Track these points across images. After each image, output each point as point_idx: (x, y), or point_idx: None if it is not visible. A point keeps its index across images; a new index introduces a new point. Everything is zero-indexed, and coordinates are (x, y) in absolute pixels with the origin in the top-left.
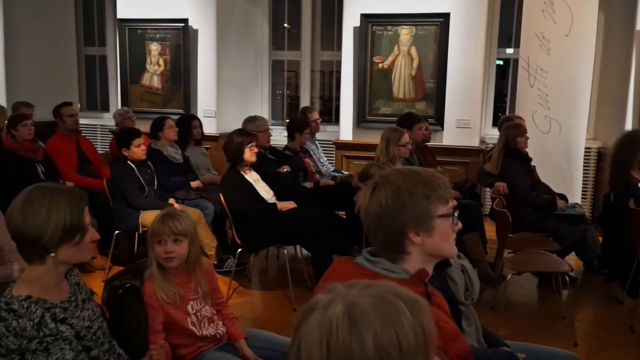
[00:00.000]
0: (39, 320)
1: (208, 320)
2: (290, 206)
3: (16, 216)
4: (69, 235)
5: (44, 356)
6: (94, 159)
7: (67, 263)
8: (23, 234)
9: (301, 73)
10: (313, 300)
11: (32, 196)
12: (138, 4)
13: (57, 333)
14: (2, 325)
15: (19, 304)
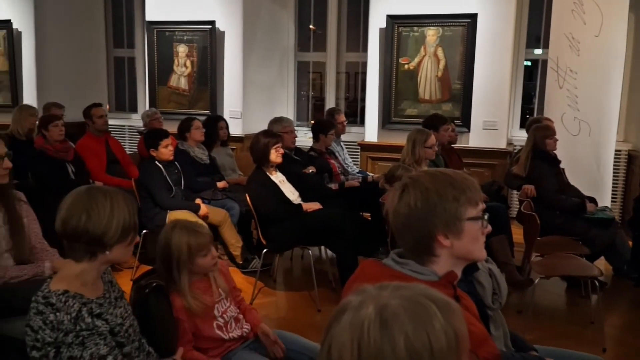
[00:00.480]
0: (76, 315)
1: (235, 320)
2: (315, 207)
3: (79, 214)
4: (125, 234)
5: (80, 350)
6: (122, 159)
7: (113, 262)
8: (87, 232)
9: (326, 74)
10: (344, 302)
11: (94, 196)
12: (166, 6)
13: (93, 328)
14: (40, 318)
15: (56, 298)
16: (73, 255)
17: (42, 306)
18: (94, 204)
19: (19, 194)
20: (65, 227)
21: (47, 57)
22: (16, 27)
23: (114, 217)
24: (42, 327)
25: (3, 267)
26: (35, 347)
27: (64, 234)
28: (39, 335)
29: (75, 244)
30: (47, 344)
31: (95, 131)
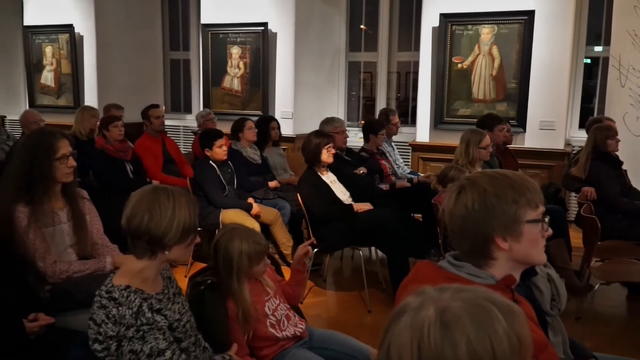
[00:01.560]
0: (137, 309)
1: (286, 318)
2: (366, 207)
3: (142, 214)
4: (185, 235)
5: (140, 344)
6: (177, 158)
7: (173, 261)
8: (148, 231)
9: (378, 74)
10: (403, 303)
11: (158, 196)
12: (221, 9)
13: (153, 322)
14: (103, 312)
15: (119, 293)
16: (135, 252)
17: (105, 300)
18: (157, 205)
19: (82, 191)
20: (129, 224)
21: (107, 60)
22: (78, 31)
23: (175, 219)
24: (104, 320)
25: (67, 261)
26: (98, 340)
27: (127, 231)
28: (102, 328)
29: (137, 242)
30: (109, 337)
31: (152, 131)
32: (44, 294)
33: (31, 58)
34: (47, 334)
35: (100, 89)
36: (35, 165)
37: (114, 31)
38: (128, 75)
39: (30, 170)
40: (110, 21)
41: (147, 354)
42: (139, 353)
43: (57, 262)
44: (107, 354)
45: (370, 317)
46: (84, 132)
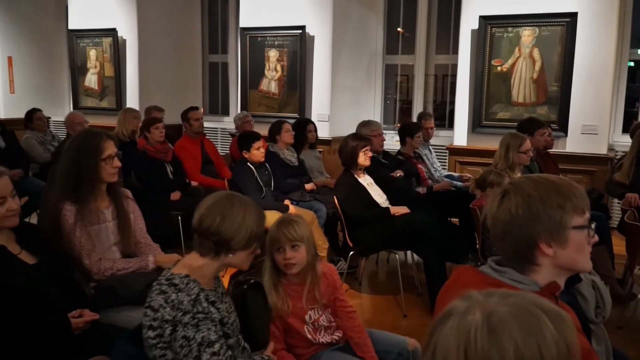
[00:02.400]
0: (195, 297)
1: (325, 328)
2: (403, 211)
3: (215, 215)
4: (251, 242)
5: (193, 331)
6: (216, 160)
7: (233, 266)
8: (218, 232)
9: (415, 77)
10: (449, 307)
11: (232, 201)
12: (259, 13)
13: (208, 313)
14: (162, 297)
15: (179, 280)
16: (200, 249)
17: (165, 287)
18: (230, 209)
19: (127, 191)
20: (201, 224)
21: (148, 63)
22: (121, 35)
23: (244, 225)
24: (163, 305)
25: (111, 259)
26: (152, 326)
27: (197, 230)
28: (159, 313)
29: (205, 241)
30: (165, 321)
31: (191, 133)
32: (88, 291)
33: (76, 61)
34: (92, 330)
35: (142, 91)
36: (82, 165)
37: (156, 35)
38: (168, 78)
39: (77, 170)
40: (152, 25)
41: (199, 342)
42: (191, 340)
43: (102, 259)
44: (159, 341)
45: (405, 321)
46: (126, 134)
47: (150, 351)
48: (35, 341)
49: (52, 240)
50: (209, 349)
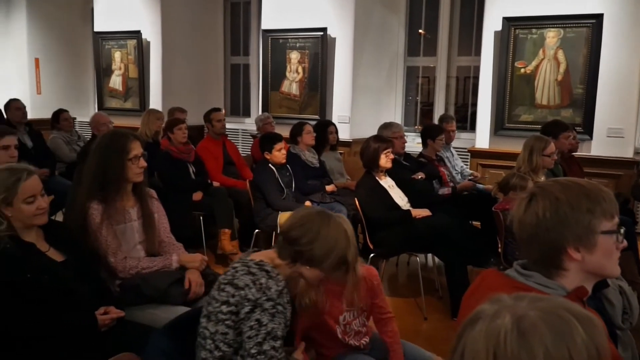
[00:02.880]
0: (282, 289)
1: (355, 333)
2: (424, 213)
3: (307, 229)
4: (338, 266)
5: (268, 319)
6: (237, 161)
7: (304, 278)
8: (306, 246)
9: (436, 79)
10: (478, 310)
11: (329, 221)
12: (281, 15)
13: (285, 310)
14: (249, 278)
15: (270, 268)
16: (280, 250)
17: (254, 269)
18: (326, 229)
19: (151, 191)
20: (290, 231)
21: (171, 65)
22: (145, 37)
23: (336, 248)
24: (249, 285)
25: (136, 258)
26: (229, 302)
27: (283, 234)
28: (243, 291)
29: (287, 246)
30: (247, 300)
31: (213, 134)
32: (114, 289)
33: (101, 63)
34: (117, 327)
35: (165, 92)
36: (109, 164)
37: (179, 37)
38: (191, 80)
39: (104, 169)
40: (175, 27)
41: (268, 331)
42: (262, 326)
43: (127, 258)
44: (229, 317)
45: (426, 324)
46: (149, 134)
47: (214, 325)
48: (62, 337)
49: (79, 238)
50: (272, 342)
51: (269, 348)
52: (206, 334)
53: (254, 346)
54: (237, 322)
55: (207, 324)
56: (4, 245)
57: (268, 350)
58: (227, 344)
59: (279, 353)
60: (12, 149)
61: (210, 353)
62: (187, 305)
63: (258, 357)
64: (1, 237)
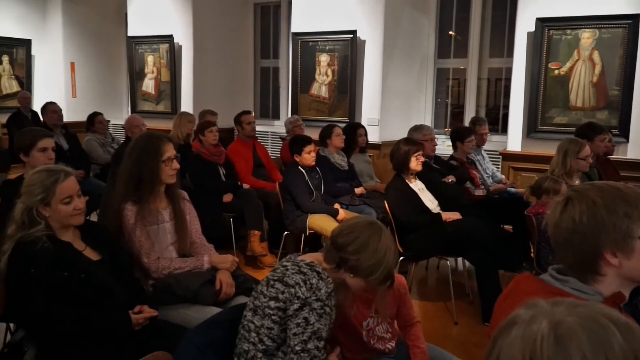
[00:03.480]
0: (331, 291)
1: (378, 338)
2: (455, 217)
3: (356, 237)
4: (385, 280)
5: (315, 319)
6: (267, 163)
7: (349, 285)
8: (353, 254)
9: (467, 81)
10: (514, 314)
11: (380, 234)
12: (311, 18)
13: (332, 312)
14: (300, 277)
15: (322, 270)
16: (326, 255)
17: (305, 269)
18: (377, 241)
19: (183, 193)
20: (338, 237)
21: (202, 68)
22: (177, 41)
23: (384, 262)
24: (299, 283)
25: (169, 258)
26: (278, 298)
27: (333, 239)
28: (293, 289)
29: (334, 251)
30: (297, 298)
31: (244, 137)
32: (147, 288)
33: (134, 66)
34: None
35: (196, 95)
36: (143, 166)
37: (210, 41)
38: (221, 83)
39: (139, 171)
40: (206, 31)
41: (313, 331)
42: (309, 325)
43: (160, 258)
44: (276, 313)
45: (456, 329)
46: (181, 137)
47: (260, 319)
48: (98, 335)
49: (114, 238)
50: (317, 342)
51: (312, 347)
52: (251, 327)
53: (298, 343)
54: (283, 318)
55: (253, 318)
56: (42, 244)
57: (312, 349)
58: (271, 339)
59: (321, 354)
60: (50, 151)
61: (253, 346)
62: (217, 305)
63: (302, 355)
64: (39, 237)
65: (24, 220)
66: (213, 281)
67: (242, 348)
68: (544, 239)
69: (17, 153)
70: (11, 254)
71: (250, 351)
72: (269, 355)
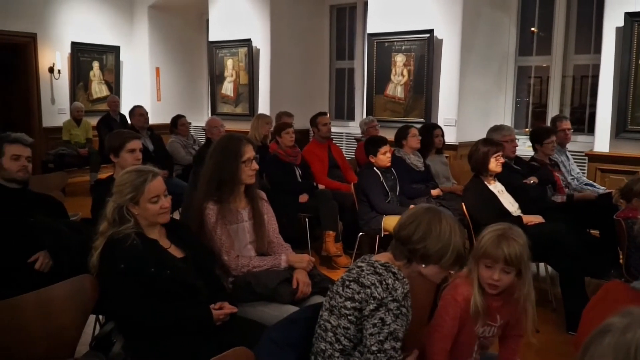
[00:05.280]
0: (407, 292)
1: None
2: (537, 220)
3: (418, 227)
4: (457, 262)
5: (392, 319)
6: (342, 164)
7: (424, 276)
8: (419, 243)
9: (550, 79)
10: (606, 323)
11: (440, 217)
12: (387, 18)
13: (408, 313)
14: (376, 278)
15: (397, 271)
16: (394, 252)
17: (381, 269)
18: (438, 225)
19: (262, 193)
20: (400, 231)
21: (279, 71)
22: (255, 44)
23: (451, 244)
24: (375, 284)
25: (248, 257)
26: (353, 298)
27: (396, 235)
28: (368, 290)
29: (400, 246)
30: (373, 298)
31: (319, 138)
32: (227, 285)
33: (214, 70)
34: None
35: (273, 97)
36: (224, 167)
37: (287, 44)
38: (297, 85)
39: (220, 171)
40: (283, 34)
41: (390, 331)
42: (385, 325)
43: (240, 256)
44: (352, 313)
45: (538, 337)
46: (258, 138)
47: (336, 319)
48: (181, 328)
49: (197, 236)
50: (393, 342)
51: (389, 347)
52: (327, 327)
53: (375, 343)
54: (359, 318)
55: (330, 317)
56: (132, 241)
57: (389, 349)
58: (347, 339)
59: (398, 354)
60: (138, 152)
61: (330, 345)
62: (294, 304)
63: (378, 355)
64: (129, 234)
65: (115, 218)
66: (290, 280)
67: (319, 347)
68: (634, 244)
69: (108, 154)
70: (103, 250)
71: (327, 350)
72: (346, 354)
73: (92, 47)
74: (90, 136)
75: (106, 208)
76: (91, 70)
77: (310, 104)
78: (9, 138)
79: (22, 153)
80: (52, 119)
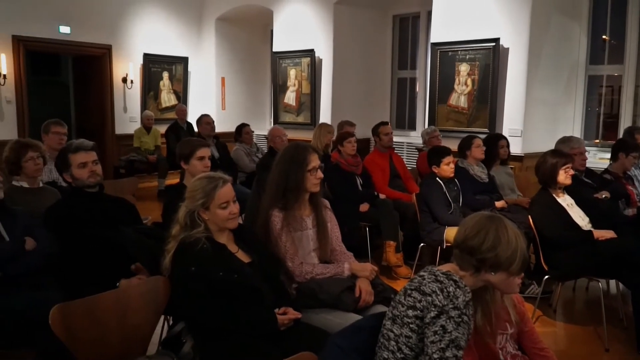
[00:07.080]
0: (468, 300)
1: (511, 355)
2: (608, 235)
3: (485, 236)
4: (523, 268)
5: (452, 327)
6: (403, 174)
7: (491, 284)
8: (489, 252)
9: (623, 88)
10: None
11: (504, 224)
12: (451, 27)
13: (470, 321)
14: (437, 285)
15: (458, 279)
16: (459, 262)
17: (442, 277)
18: (505, 233)
19: (325, 201)
20: (465, 241)
21: (341, 80)
22: (318, 55)
23: (519, 250)
24: (436, 292)
25: (311, 264)
26: (415, 307)
27: (459, 246)
28: (429, 297)
29: (466, 256)
30: (434, 306)
31: (381, 147)
32: (291, 291)
33: (277, 80)
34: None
35: (334, 106)
36: (291, 175)
37: (349, 53)
38: (359, 94)
39: (286, 179)
40: (346, 44)
41: (451, 339)
42: (446, 333)
43: (304, 263)
44: (414, 322)
45: (607, 356)
46: (320, 147)
47: (399, 328)
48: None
49: (263, 242)
50: (455, 350)
51: (451, 356)
52: (390, 336)
53: (436, 351)
54: (421, 326)
55: (392, 327)
56: (202, 245)
57: (450, 357)
58: (409, 347)
59: None
60: (206, 159)
61: (392, 354)
62: (357, 312)
63: None
64: (199, 238)
65: (187, 222)
66: (353, 288)
67: (381, 356)
68: None
69: (179, 161)
70: (175, 253)
71: (390, 359)
72: None
73: (162, 58)
74: (159, 143)
75: (178, 213)
76: (161, 80)
77: (371, 114)
78: (71, 148)
79: (87, 159)
80: (124, 127)
